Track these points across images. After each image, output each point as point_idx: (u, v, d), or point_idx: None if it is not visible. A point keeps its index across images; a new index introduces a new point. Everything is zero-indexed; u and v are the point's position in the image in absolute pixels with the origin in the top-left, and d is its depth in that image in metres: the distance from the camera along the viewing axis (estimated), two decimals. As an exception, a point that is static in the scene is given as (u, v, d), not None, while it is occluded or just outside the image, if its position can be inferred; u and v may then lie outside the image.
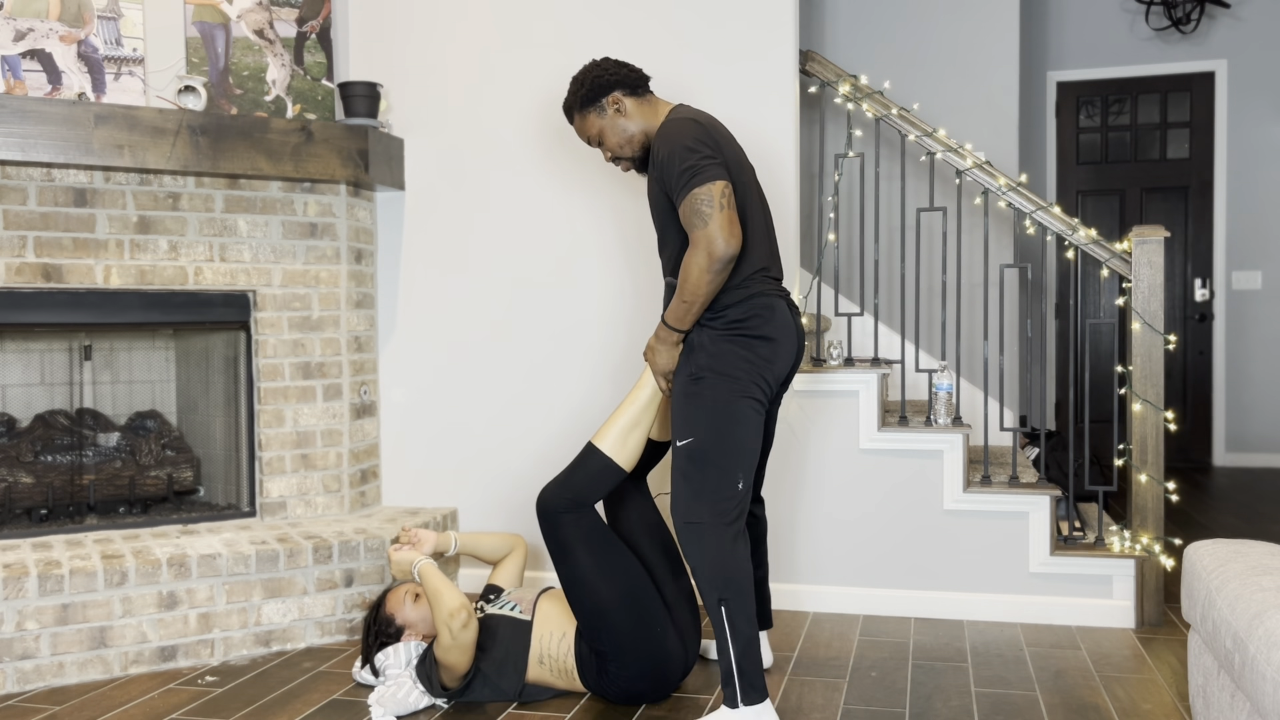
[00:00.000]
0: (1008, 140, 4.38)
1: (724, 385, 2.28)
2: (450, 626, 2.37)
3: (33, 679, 2.66)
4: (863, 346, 4.42)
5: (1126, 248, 3.11)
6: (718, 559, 2.24)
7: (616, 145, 2.47)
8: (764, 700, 2.25)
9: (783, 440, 3.27)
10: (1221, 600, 1.73)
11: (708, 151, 2.27)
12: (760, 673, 2.25)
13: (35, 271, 2.95)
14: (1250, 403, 6.18)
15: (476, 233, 3.51)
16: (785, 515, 3.28)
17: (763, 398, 2.33)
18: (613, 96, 2.44)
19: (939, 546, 3.18)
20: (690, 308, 2.28)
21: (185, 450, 3.43)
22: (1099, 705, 2.46)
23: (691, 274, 2.24)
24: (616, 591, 2.41)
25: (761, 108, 3.27)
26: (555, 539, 2.44)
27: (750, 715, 2.24)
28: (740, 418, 2.28)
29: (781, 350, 2.35)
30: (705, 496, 2.26)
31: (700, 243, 2.22)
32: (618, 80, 2.43)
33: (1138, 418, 3.07)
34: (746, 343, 2.31)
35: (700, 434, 2.28)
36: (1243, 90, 6.11)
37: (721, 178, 2.24)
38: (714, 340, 2.31)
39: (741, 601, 2.24)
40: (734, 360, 2.30)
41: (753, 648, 2.25)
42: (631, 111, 2.45)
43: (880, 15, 4.52)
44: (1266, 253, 6.13)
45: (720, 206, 2.21)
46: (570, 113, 2.51)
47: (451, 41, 3.51)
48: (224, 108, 3.28)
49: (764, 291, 2.35)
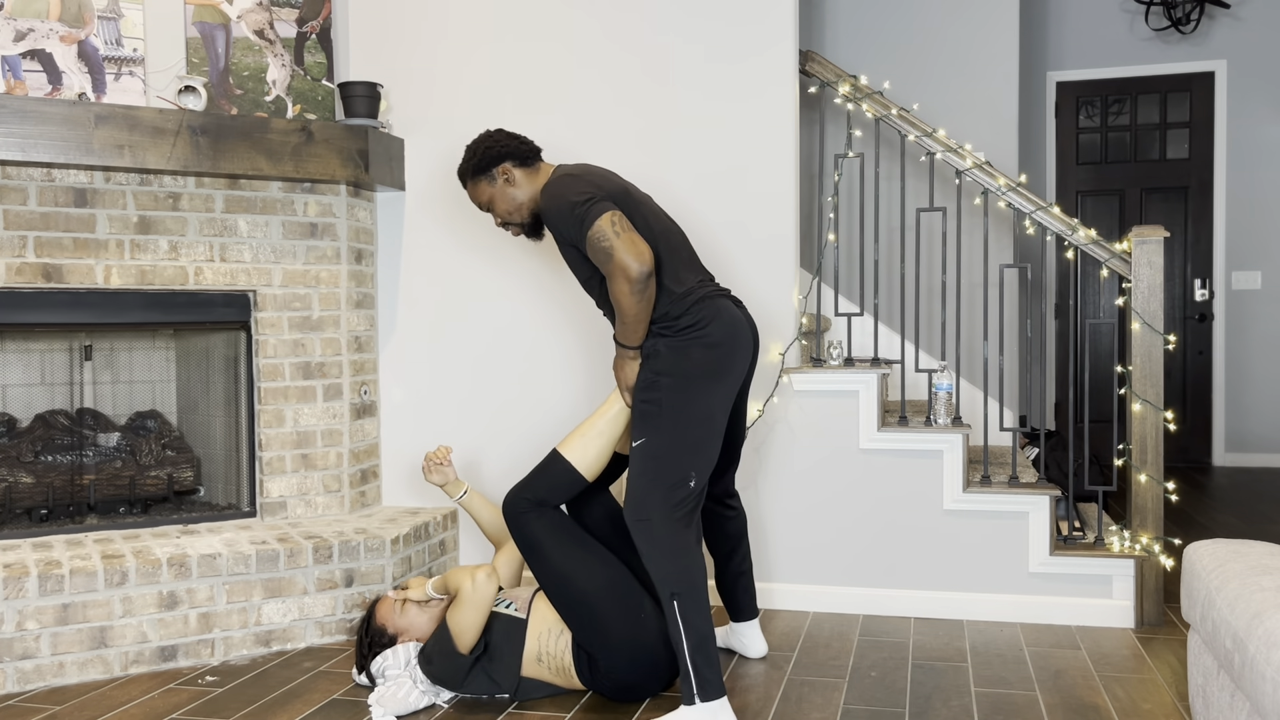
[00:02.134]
0: (1007, 140, 4.38)
1: (678, 388, 2.37)
2: (475, 575, 2.42)
3: (33, 679, 2.66)
4: (863, 346, 4.42)
5: (1126, 248, 3.11)
6: (669, 555, 2.30)
7: (505, 212, 2.60)
8: (721, 697, 2.28)
9: (783, 440, 3.27)
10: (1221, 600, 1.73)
11: (588, 193, 2.41)
12: (717, 669, 2.28)
13: (35, 271, 2.96)
14: (1250, 403, 6.19)
15: (476, 233, 3.52)
16: (785, 515, 3.29)
17: (722, 397, 2.40)
18: (502, 167, 2.56)
19: (939, 546, 3.18)
20: (632, 326, 2.40)
21: (185, 450, 3.43)
22: (1099, 705, 2.46)
23: (621, 301, 2.36)
24: (594, 581, 2.44)
25: (761, 108, 3.27)
26: (523, 536, 2.49)
27: (706, 712, 2.26)
28: (696, 418, 2.36)
29: (737, 346, 2.43)
30: (657, 493, 2.33)
31: (615, 273, 2.35)
32: (508, 152, 2.56)
33: (1137, 418, 3.07)
34: (700, 345, 2.40)
35: (653, 434, 2.36)
36: (1242, 90, 6.11)
37: (607, 209, 2.38)
38: (669, 346, 2.41)
39: (694, 596, 2.28)
40: (688, 363, 2.38)
41: (708, 643, 2.28)
42: (520, 181, 2.57)
43: (880, 15, 4.52)
44: (1266, 253, 6.13)
45: (617, 234, 2.35)
46: (463, 179, 2.63)
47: (451, 41, 3.52)
48: (224, 108, 3.28)
49: (709, 295, 2.46)
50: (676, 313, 2.42)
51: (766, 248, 3.28)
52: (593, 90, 3.40)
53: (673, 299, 2.42)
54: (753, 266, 3.29)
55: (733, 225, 3.30)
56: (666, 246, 2.49)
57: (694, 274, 2.50)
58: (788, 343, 3.27)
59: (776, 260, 3.27)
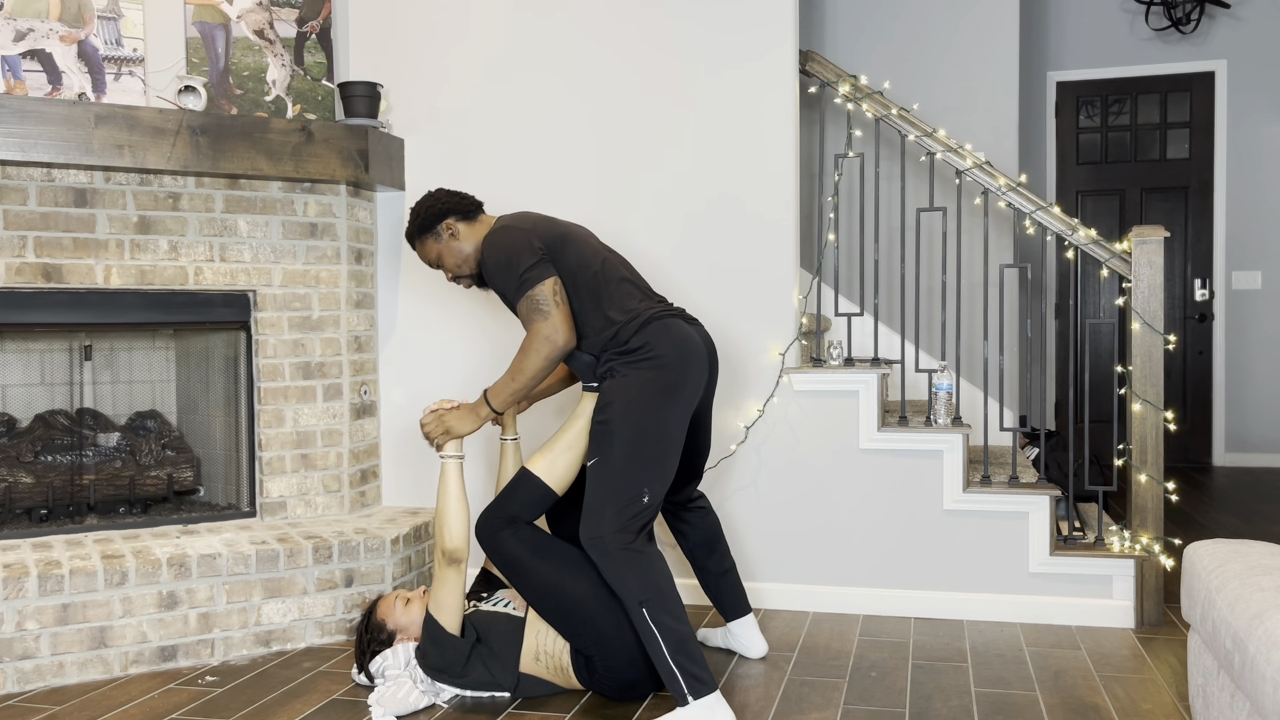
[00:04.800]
0: (1008, 140, 4.38)
1: (630, 407, 2.39)
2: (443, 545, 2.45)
3: (33, 679, 2.66)
4: (863, 346, 4.42)
5: (1126, 248, 3.11)
6: (627, 567, 2.32)
7: (454, 266, 2.65)
8: (713, 691, 2.28)
9: (783, 440, 3.27)
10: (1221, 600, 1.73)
11: (530, 253, 2.47)
12: (702, 664, 2.29)
13: (35, 271, 2.96)
14: (1250, 403, 6.18)
15: (476, 233, 3.52)
16: (785, 515, 3.29)
17: (677, 414, 2.42)
18: (446, 223, 2.62)
19: (939, 546, 3.18)
20: (518, 388, 2.45)
21: (185, 450, 3.43)
22: (1099, 705, 2.46)
23: (530, 359, 2.41)
24: (581, 587, 2.44)
25: (761, 108, 3.27)
26: (502, 556, 2.49)
27: (702, 708, 2.26)
28: (648, 436, 2.38)
29: (689, 363, 2.45)
30: (609, 510, 2.35)
31: (542, 332, 2.41)
32: (450, 208, 2.62)
33: (1137, 418, 3.07)
34: (651, 365, 2.42)
35: (606, 453, 2.38)
36: (1242, 90, 6.11)
37: (550, 275, 2.45)
38: (621, 367, 2.44)
39: (660, 600, 2.30)
40: (640, 383, 2.41)
41: (687, 642, 2.29)
42: (464, 235, 2.63)
43: (880, 15, 4.52)
44: (1266, 253, 6.13)
45: (556, 304, 2.43)
46: (411, 240, 2.69)
47: (451, 41, 3.52)
48: (224, 108, 3.28)
49: (658, 315, 2.49)
50: (626, 335, 2.45)
51: (766, 248, 3.28)
52: (592, 89, 3.40)
53: (621, 324, 2.47)
54: (753, 266, 3.29)
55: (733, 225, 3.30)
56: (613, 276, 2.54)
57: (642, 298, 2.54)
58: (788, 343, 3.27)
59: (776, 260, 3.27)
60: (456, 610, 2.47)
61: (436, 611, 2.47)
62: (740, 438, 3.30)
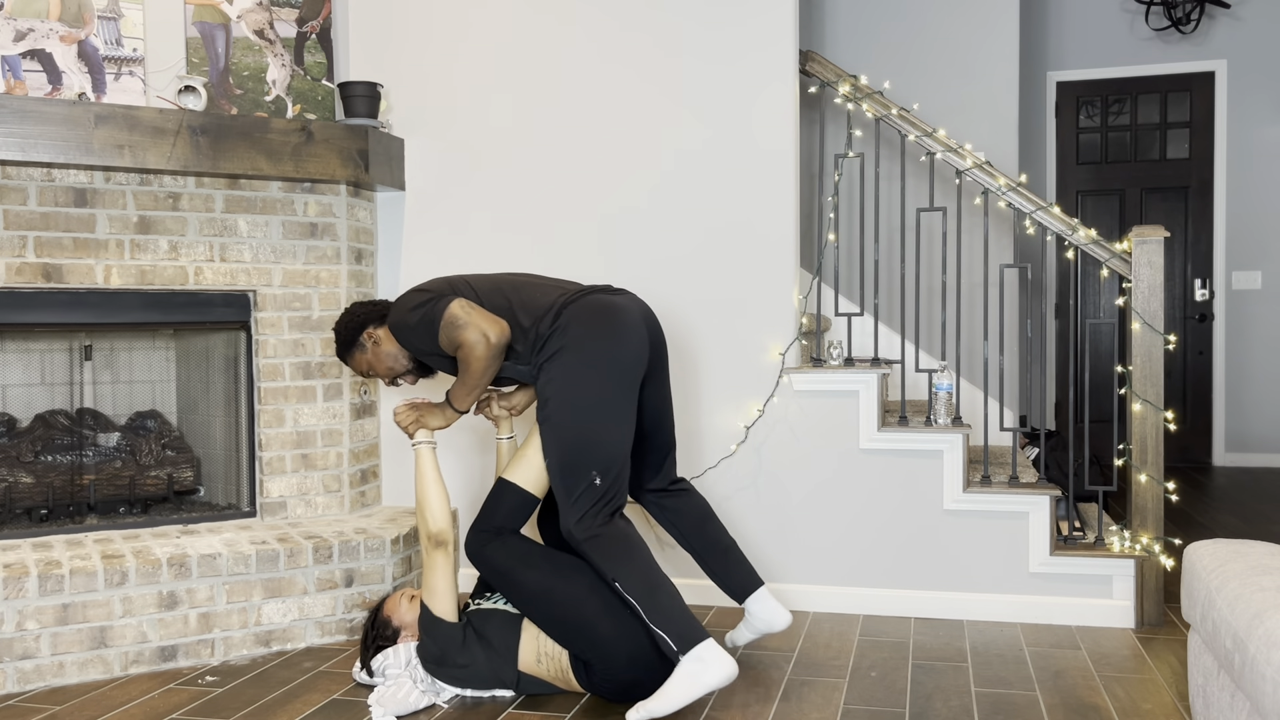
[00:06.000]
0: (1008, 140, 4.38)
1: (559, 394, 2.43)
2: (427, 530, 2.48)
3: (33, 679, 2.66)
4: (863, 346, 4.42)
5: (1126, 248, 3.11)
6: (599, 554, 2.37)
7: (386, 370, 2.72)
8: (704, 639, 2.30)
9: (783, 440, 3.27)
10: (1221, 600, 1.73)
11: (422, 300, 2.55)
12: (686, 617, 2.31)
13: (35, 271, 2.96)
14: (1250, 403, 6.19)
15: (476, 233, 3.52)
16: (785, 515, 3.29)
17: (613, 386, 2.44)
18: (366, 332, 2.71)
19: (939, 546, 3.18)
20: (469, 389, 2.51)
21: (185, 450, 3.43)
22: (1099, 705, 2.46)
23: (472, 365, 2.47)
24: (573, 591, 2.44)
25: (761, 108, 3.27)
26: (492, 568, 2.51)
27: (694, 659, 2.28)
28: (584, 418, 2.41)
29: (612, 332, 2.47)
30: (568, 503, 2.40)
31: (469, 340, 2.45)
32: (365, 317, 2.71)
33: (1138, 418, 3.07)
34: (569, 348, 2.45)
35: (550, 447, 2.43)
36: (1242, 90, 6.11)
37: (451, 299, 2.52)
38: (547, 365, 2.48)
39: (630, 572, 2.34)
40: (564, 372, 2.44)
41: (664, 599, 2.32)
42: (384, 339, 2.70)
43: (880, 15, 4.52)
44: (1266, 253, 6.13)
45: (469, 312, 2.48)
46: (342, 359, 2.77)
47: (452, 41, 3.52)
48: (224, 108, 3.28)
49: (569, 300, 2.52)
50: (544, 332, 2.50)
51: (766, 248, 3.28)
52: (592, 89, 3.40)
53: (534, 324, 2.51)
54: (753, 266, 3.29)
55: (732, 225, 3.30)
56: (516, 284, 2.60)
57: (553, 292, 2.59)
58: (788, 343, 3.27)
59: (776, 260, 3.27)
60: (449, 593, 2.50)
61: (430, 598, 2.50)
62: (740, 438, 3.30)
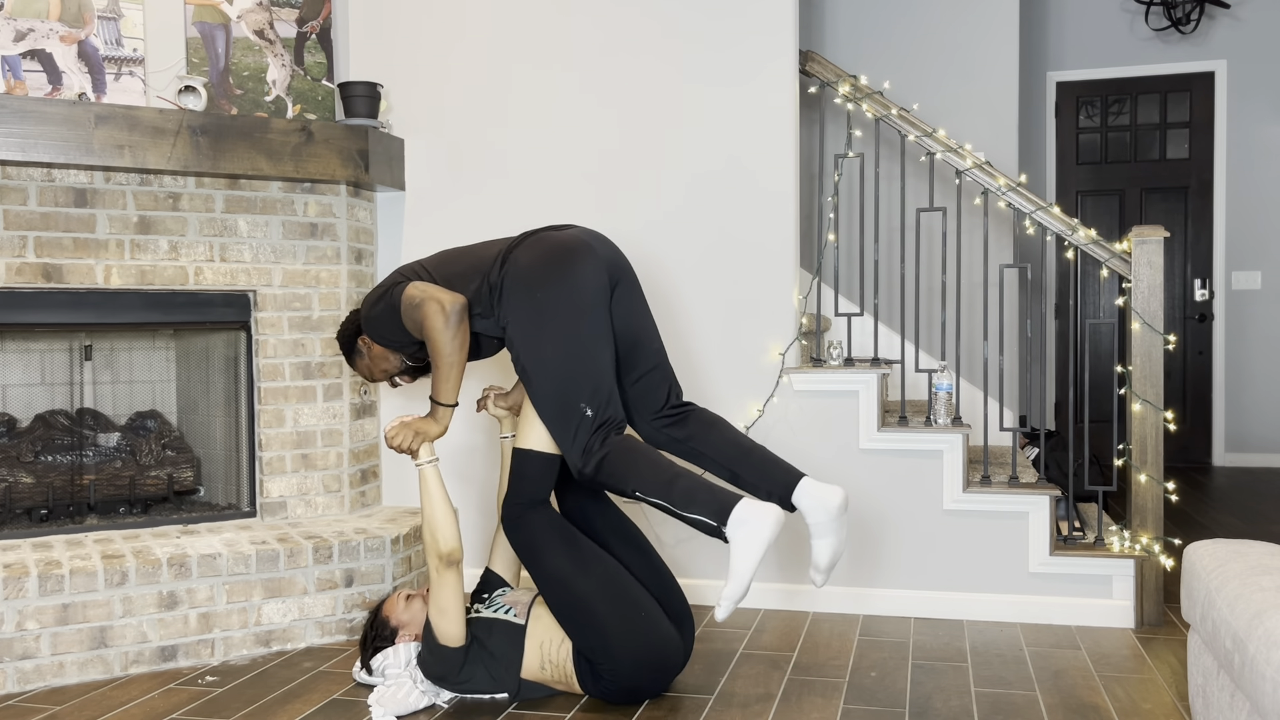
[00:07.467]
0: (1007, 140, 4.38)
1: (524, 335, 2.44)
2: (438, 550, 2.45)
3: (33, 679, 2.66)
4: (863, 346, 4.42)
5: (1126, 248, 3.11)
6: (610, 476, 2.38)
7: (382, 372, 2.78)
8: (736, 502, 2.30)
9: (783, 440, 3.27)
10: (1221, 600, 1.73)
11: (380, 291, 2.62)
12: (710, 492, 2.32)
13: (35, 271, 2.96)
14: (1250, 403, 6.19)
15: (476, 233, 3.52)
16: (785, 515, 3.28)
17: (577, 314, 2.43)
18: (361, 338, 2.76)
19: (939, 546, 3.18)
20: (446, 372, 2.49)
21: (185, 450, 3.43)
22: (1099, 705, 2.46)
23: (437, 341, 2.46)
24: (590, 582, 2.43)
25: (761, 108, 3.27)
26: (522, 540, 2.50)
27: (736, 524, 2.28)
28: (556, 353, 2.42)
29: (561, 260, 2.47)
30: (565, 442, 2.42)
31: (429, 316, 2.46)
32: (357, 326, 2.77)
33: (1137, 418, 3.07)
34: (521, 289, 2.46)
35: (532, 390, 2.45)
36: (1242, 90, 6.11)
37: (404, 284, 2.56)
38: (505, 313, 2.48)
39: (641, 476, 2.35)
40: (523, 312, 2.45)
41: (688, 485, 2.33)
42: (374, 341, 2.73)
43: (880, 15, 4.53)
44: (1266, 253, 6.13)
45: (423, 290, 2.50)
46: (349, 364, 2.83)
47: (451, 41, 3.52)
48: (224, 108, 3.28)
49: (512, 245, 2.54)
50: (495, 280, 2.50)
51: (766, 247, 3.28)
52: (592, 89, 3.40)
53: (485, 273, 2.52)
54: (752, 266, 3.29)
55: (732, 225, 3.30)
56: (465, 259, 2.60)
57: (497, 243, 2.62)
58: (788, 343, 3.27)
59: (776, 260, 3.27)
60: (458, 612, 2.45)
61: (438, 617, 2.45)
62: (740, 438, 3.30)
